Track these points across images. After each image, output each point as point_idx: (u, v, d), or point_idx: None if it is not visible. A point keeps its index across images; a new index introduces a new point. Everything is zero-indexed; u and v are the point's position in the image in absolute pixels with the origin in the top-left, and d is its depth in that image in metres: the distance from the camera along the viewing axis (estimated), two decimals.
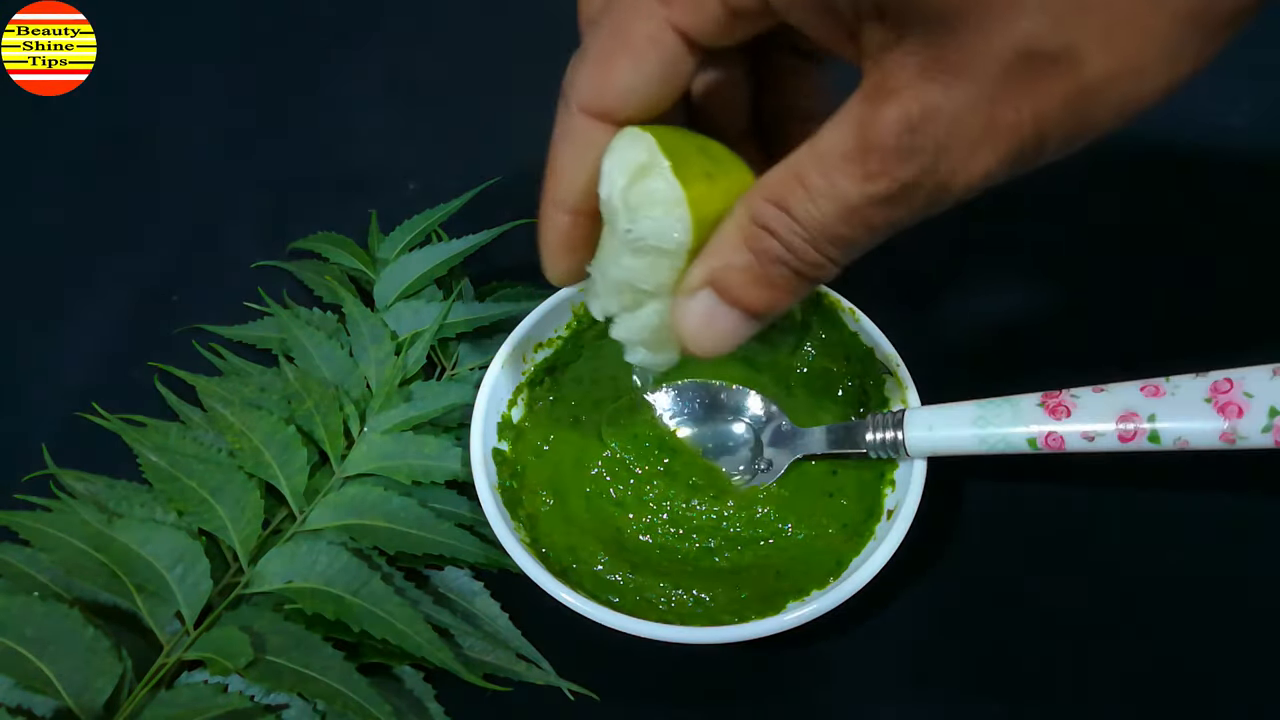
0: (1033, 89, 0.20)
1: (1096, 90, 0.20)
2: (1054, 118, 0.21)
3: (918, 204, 0.22)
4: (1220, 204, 0.49)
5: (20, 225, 0.52)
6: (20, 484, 0.39)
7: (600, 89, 0.26)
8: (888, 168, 0.22)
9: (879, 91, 0.22)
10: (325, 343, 0.43)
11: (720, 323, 0.27)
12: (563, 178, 0.28)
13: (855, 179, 0.22)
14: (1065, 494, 0.40)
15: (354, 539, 0.37)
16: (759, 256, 0.25)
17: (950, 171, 0.22)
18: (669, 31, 0.24)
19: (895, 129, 0.21)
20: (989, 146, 0.21)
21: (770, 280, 0.25)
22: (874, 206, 0.23)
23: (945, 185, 0.22)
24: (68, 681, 0.32)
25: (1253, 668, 0.35)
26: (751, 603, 0.35)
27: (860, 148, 0.22)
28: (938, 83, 0.21)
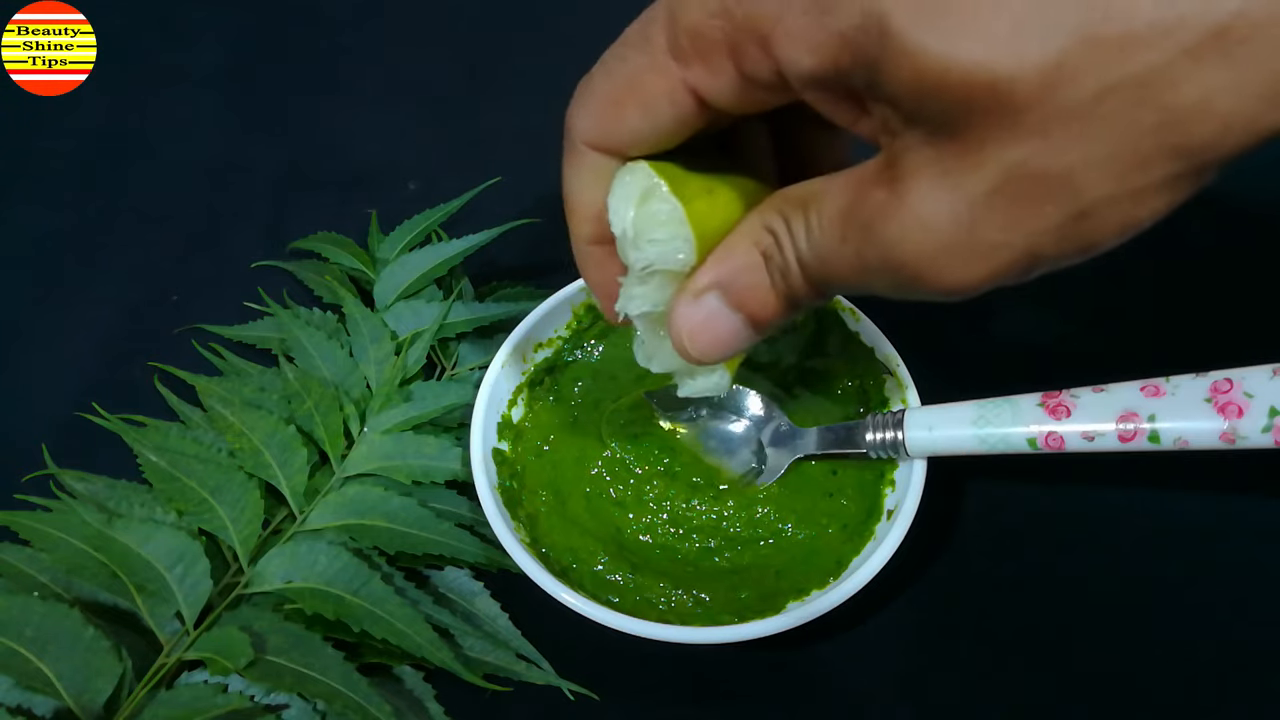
0: (1026, 211, 0.20)
1: (1092, 212, 0.20)
2: (1048, 240, 0.20)
3: (882, 287, 0.23)
4: (1220, 204, 0.49)
5: (20, 225, 0.52)
6: (20, 484, 0.39)
7: (608, 132, 0.26)
8: (858, 246, 0.22)
9: (882, 169, 0.22)
10: (325, 343, 0.43)
11: (720, 326, 0.26)
12: (584, 211, 0.28)
13: (834, 238, 0.23)
14: (1065, 494, 0.40)
15: (354, 539, 0.37)
16: (766, 261, 0.25)
17: (916, 275, 0.22)
18: (683, 91, 0.24)
19: (873, 212, 0.22)
20: (966, 261, 0.21)
21: (774, 288, 0.25)
22: (845, 268, 0.23)
23: (909, 281, 0.22)
24: (68, 681, 0.32)
25: (1253, 668, 0.35)
26: (751, 603, 0.35)
27: (846, 213, 0.22)
28: (927, 186, 0.21)
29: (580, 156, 0.27)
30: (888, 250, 0.22)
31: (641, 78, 0.24)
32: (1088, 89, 0.18)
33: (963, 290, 0.22)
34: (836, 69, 0.21)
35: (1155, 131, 0.18)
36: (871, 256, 0.22)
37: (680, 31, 0.23)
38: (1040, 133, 0.19)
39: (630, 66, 0.25)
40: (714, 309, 0.26)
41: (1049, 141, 0.19)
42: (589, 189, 0.27)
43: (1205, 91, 0.18)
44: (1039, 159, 0.19)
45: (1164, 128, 0.18)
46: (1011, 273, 0.21)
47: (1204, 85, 0.18)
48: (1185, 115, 0.18)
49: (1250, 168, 0.52)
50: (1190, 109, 0.18)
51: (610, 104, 0.25)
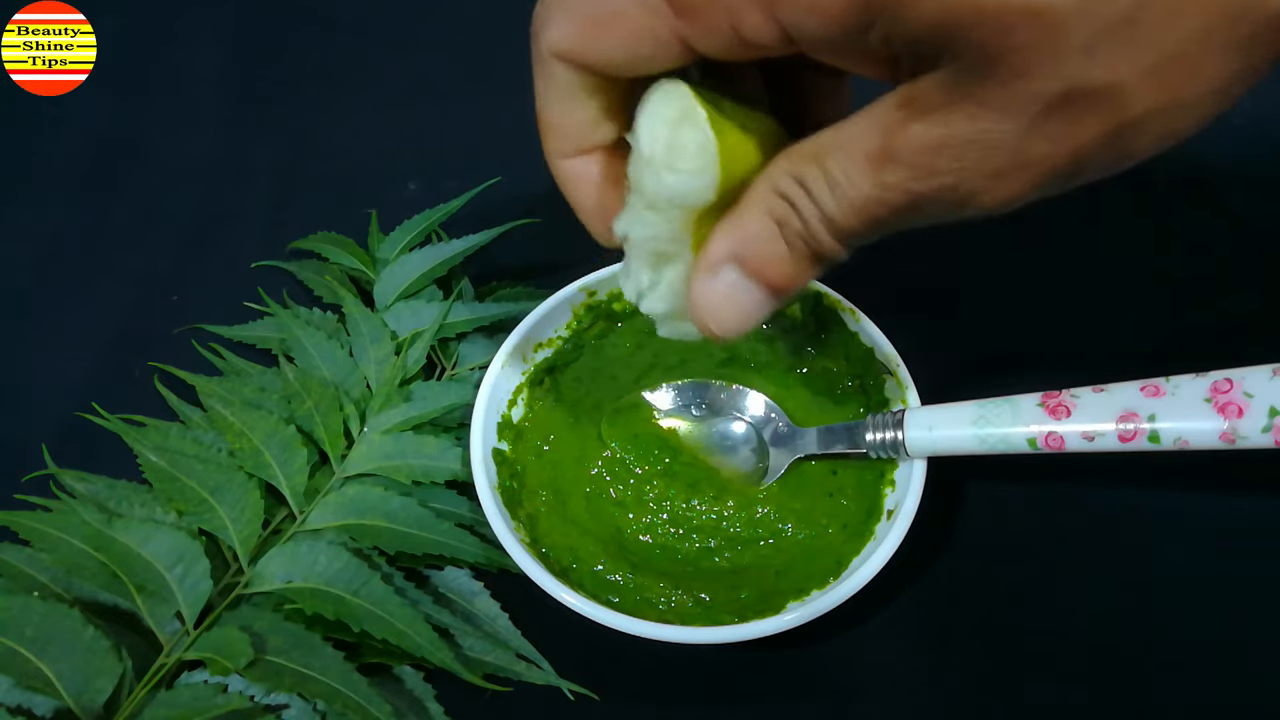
0: (1072, 125, 0.20)
1: (1139, 124, 0.20)
2: (1092, 150, 0.20)
3: (931, 214, 0.22)
4: (1220, 204, 0.49)
5: (20, 225, 0.52)
6: (20, 484, 0.39)
7: (580, 49, 0.25)
8: (905, 181, 0.22)
9: (910, 104, 0.21)
10: (325, 343, 0.43)
11: (742, 299, 0.26)
12: (558, 124, 0.27)
13: (871, 181, 0.22)
14: (1065, 494, 0.40)
15: (354, 539, 0.37)
16: (781, 228, 0.24)
17: (970, 193, 0.21)
18: (672, 37, 0.23)
19: (918, 147, 0.21)
20: (1017, 177, 0.21)
21: (792, 254, 0.25)
22: (886, 209, 0.22)
23: (963, 203, 0.22)
24: (68, 681, 0.32)
25: (1253, 667, 0.35)
26: (751, 603, 0.35)
27: (882, 153, 0.22)
28: (971, 114, 0.20)
29: (549, 68, 0.26)
30: (939, 177, 0.21)
31: (630, 10, 0.23)
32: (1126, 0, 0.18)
33: (1010, 204, 0.22)
34: (845, 28, 0.21)
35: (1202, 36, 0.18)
36: (922, 188, 0.22)
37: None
38: (1084, 50, 0.19)
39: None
40: (733, 282, 0.25)
41: (1093, 58, 0.19)
42: (562, 100, 0.26)
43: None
44: (1084, 76, 0.19)
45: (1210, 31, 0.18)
46: (1054, 183, 0.21)
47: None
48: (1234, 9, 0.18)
49: (1251, 168, 0.52)
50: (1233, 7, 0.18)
51: (590, 24, 0.24)
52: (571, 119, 0.27)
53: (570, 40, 0.25)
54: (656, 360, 0.43)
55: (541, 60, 0.26)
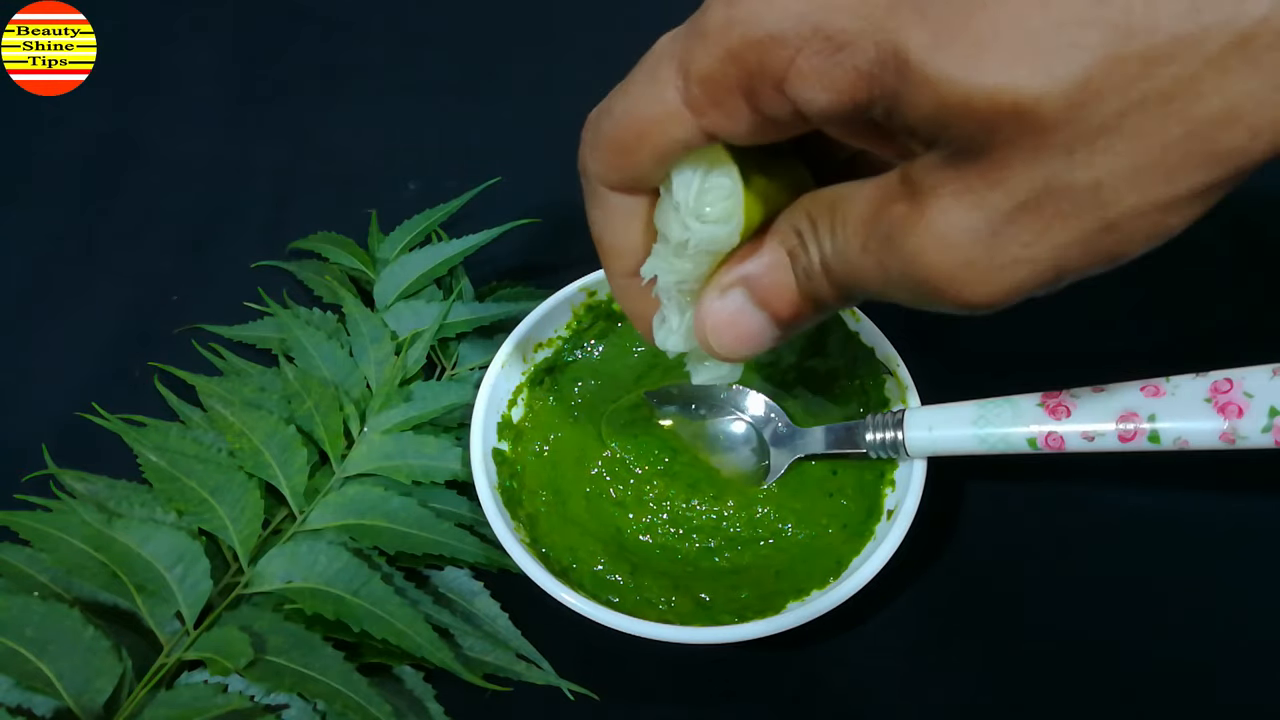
0: (1051, 224, 0.20)
1: (1120, 226, 0.20)
2: (1074, 253, 0.20)
3: (904, 297, 0.23)
4: (1220, 204, 0.49)
5: (20, 225, 0.52)
6: (20, 484, 0.39)
7: (624, 176, 0.26)
8: (879, 256, 0.22)
9: (904, 183, 0.22)
10: (325, 343, 0.43)
11: (746, 323, 0.26)
12: (618, 247, 0.28)
13: (858, 246, 0.23)
14: (1065, 494, 0.40)
15: (354, 539, 0.37)
16: (793, 261, 0.25)
17: (937, 289, 0.22)
18: (699, 136, 0.24)
19: (895, 226, 0.22)
20: (992, 275, 0.21)
21: (799, 288, 0.25)
22: (866, 276, 0.23)
23: (930, 295, 0.22)
24: (68, 681, 0.32)
25: (1252, 667, 0.35)
26: (751, 603, 0.35)
27: (869, 224, 0.22)
28: (949, 204, 0.21)
29: (602, 197, 0.27)
30: (908, 264, 0.22)
31: (654, 126, 0.24)
32: (1113, 106, 0.18)
33: (985, 305, 0.22)
34: (854, 104, 0.21)
35: (1183, 142, 0.18)
36: (892, 268, 0.22)
37: (693, 82, 0.23)
38: (1066, 150, 0.19)
39: (641, 113, 0.24)
40: (740, 305, 0.26)
41: (1074, 158, 0.19)
42: (617, 225, 0.27)
43: (1232, 100, 0.18)
44: (1065, 175, 0.19)
45: (1191, 138, 0.18)
46: (1037, 286, 0.21)
47: (1230, 94, 0.18)
48: (1213, 125, 0.18)
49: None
50: (1217, 118, 0.18)
51: (622, 151, 0.25)
52: (629, 240, 0.28)
53: (612, 170, 0.26)
54: (656, 360, 0.43)
55: (593, 191, 0.27)
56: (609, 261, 0.29)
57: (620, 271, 0.29)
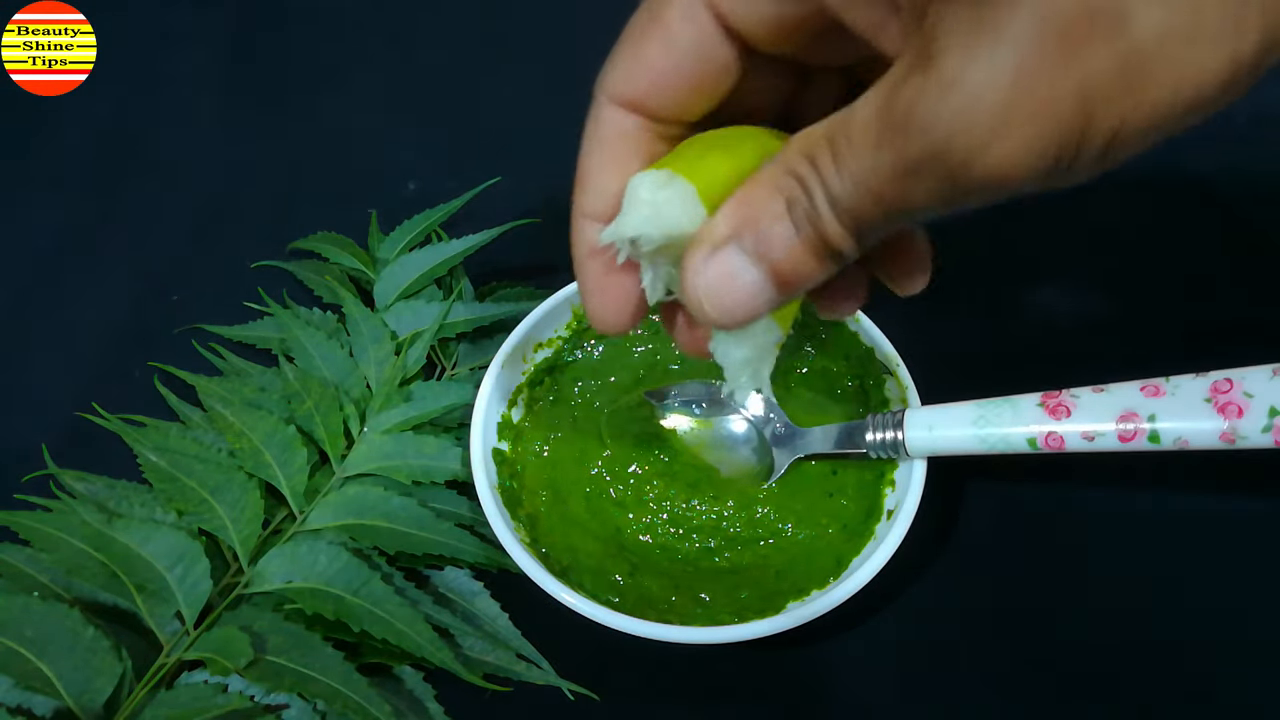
0: (1072, 57, 0.18)
1: (1148, 59, 0.18)
2: (1101, 91, 0.18)
3: (931, 192, 0.20)
4: (1220, 204, 0.49)
5: (20, 225, 0.52)
6: (20, 484, 0.39)
7: (631, 73, 0.24)
8: (900, 145, 0.20)
9: (914, 58, 0.20)
10: (325, 343, 0.43)
11: (742, 281, 0.23)
12: (595, 180, 0.26)
13: (869, 149, 0.20)
14: (1065, 494, 0.40)
15: (354, 539, 0.37)
16: (790, 208, 0.22)
17: (964, 158, 0.19)
18: (703, 9, 0.23)
19: (912, 99, 0.19)
20: (1015, 131, 0.19)
21: (800, 237, 0.23)
22: (885, 182, 0.21)
23: (959, 174, 0.19)
24: (68, 681, 0.32)
25: (1252, 667, 0.35)
26: (751, 603, 0.35)
27: (879, 117, 0.20)
28: (967, 51, 0.19)
29: (600, 115, 0.25)
30: (930, 134, 0.19)
31: (663, 10, 0.23)
32: None
33: (1011, 171, 0.19)
34: None
35: None
36: (913, 150, 0.20)
37: None
38: None
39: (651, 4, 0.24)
40: (734, 262, 0.23)
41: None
42: (605, 148, 0.25)
43: None
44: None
45: None
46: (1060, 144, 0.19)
47: None
48: None
49: (1251, 168, 0.52)
50: None
51: (631, 45, 0.24)
52: (608, 175, 0.25)
53: (620, 66, 0.24)
54: (656, 360, 0.43)
55: (596, 107, 0.25)
56: (583, 195, 0.26)
57: (590, 210, 0.26)
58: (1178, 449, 0.31)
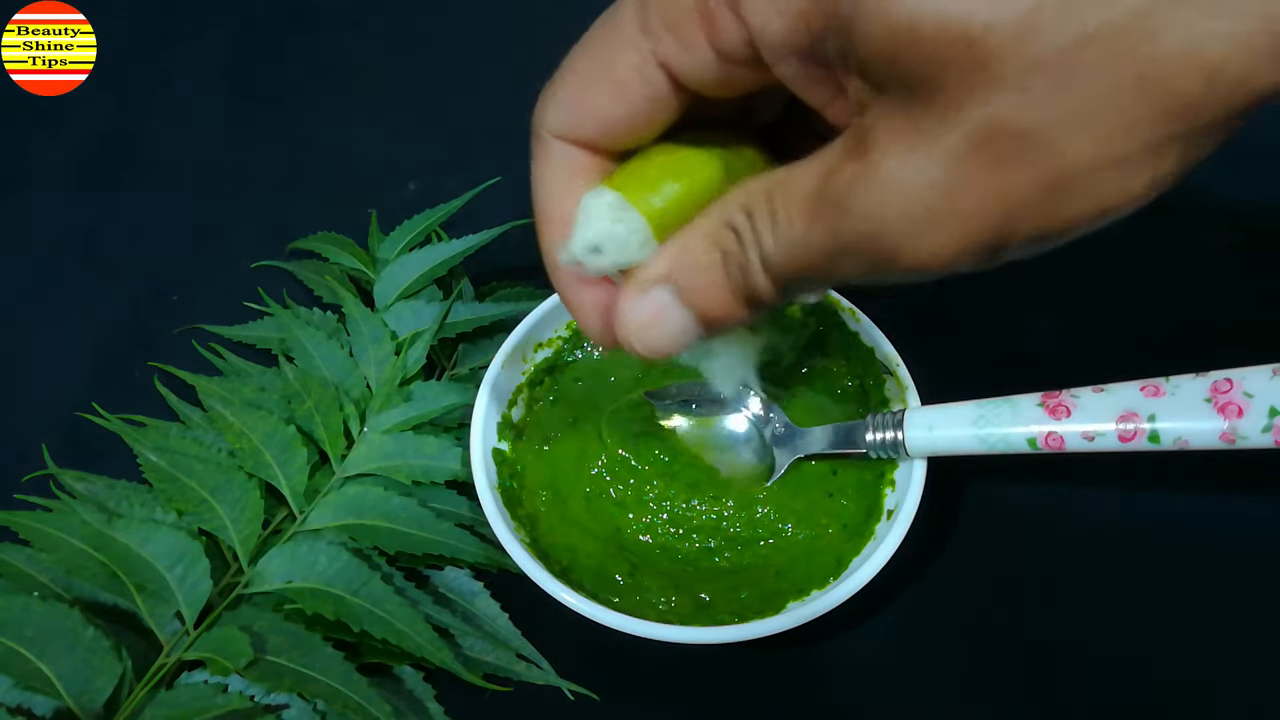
0: (1001, 169, 0.19)
1: (1072, 181, 0.19)
2: (1022, 208, 0.19)
3: (859, 268, 0.22)
4: (1221, 203, 0.49)
5: (20, 225, 0.52)
6: (20, 484, 0.39)
7: (577, 120, 0.25)
8: (832, 223, 0.21)
9: (854, 143, 0.21)
10: (325, 343, 0.43)
11: (671, 322, 0.25)
12: (555, 210, 0.26)
13: (803, 224, 0.22)
14: (1065, 494, 0.40)
15: (354, 539, 0.37)
16: (724, 259, 0.24)
17: (894, 248, 0.20)
18: (654, 67, 0.23)
19: (846, 186, 0.20)
20: (943, 228, 0.20)
21: (730, 286, 0.24)
22: (814, 254, 0.22)
23: (888, 260, 0.21)
24: (68, 681, 0.32)
25: (1252, 668, 0.35)
26: (751, 603, 0.35)
27: (816, 193, 0.21)
28: (902, 152, 0.20)
29: (548, 150, 0.26)
30: (862, 224, 0.20)
31: (611, 56, 0.24)
32: (1067, 36, 0.17)
33: (937, 263, 0.20)
34: (809, 31, 0.20)
35: (1136, 86, 0.17)
36: (845, 232, 0.21)
37: (650, 6, 0.22)
38: (1017, 86, 0.18)
39: (598, 47, 0.24)
40: (663, 303, 0.25)
41: (1026, 96, 0.18)
42: (557, 183, 0.26)
43: (1189, 41, 0.16)
44: (1016, 114, 0.18)
45: (1145, 82, 0.17)
46: (983, 245, 0.20)
47: (1188, 33, 0.16)
48: (1167, 67, 0.17)
49: (1250, 167, 0.52)
50: (1172, 60, 0.17)
51: (578, 89, 0.24)
52: (566, 204, 0.26)
53: (565, 115, 0.25)
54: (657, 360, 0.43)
55: (541, 143, 0.26)
56: (547, 230, 0.27)
57: (556, 241, 0.26)
58: (1178, 449, 0.31)
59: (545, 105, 0.25)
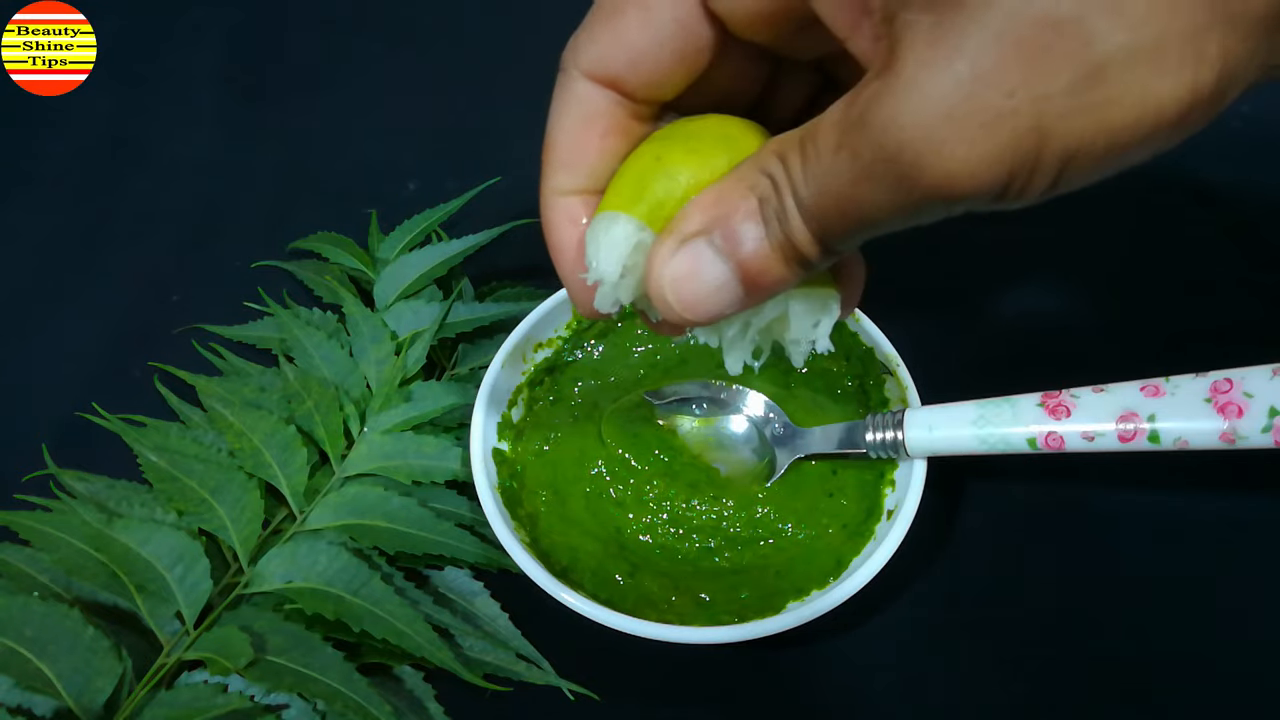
0: (1030, 67, 0.18)
1: (1108, 74, 0.18)
2: (1058, 107, 0.18)
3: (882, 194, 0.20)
4: (1220, 204, 0.49)
5: (20, 225, 0.52)
6: (20, 484, 0.39)
7: (608, 50, 0.24)
8: (854, 145, 0.20)
9: (880, 64, 0.20)
10: (325, 343, 0.43)
11: (709, 275, 0.23)
12: (568, 156, 0.25)
13: (830, 150, 0.20)
14: (1065, 494, 0.40)
15: (354, 539, 0.37)
16: (762, 206, 0.22)
17: (914, 160, 0.19)
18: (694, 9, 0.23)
19: (869, 103, 0.19)
20: (967, 135, 0.18)
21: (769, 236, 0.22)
22: (844, 185, 0.20)
23: (911, 179, 0.19)
24: (68, 681, 0.32)
25: (1253, 668, 0.35)
26: (751, 603, 0.35)
27: (841, 119, 0.20)
28: (927, 58, 0.18)
29: (573, 88, 0.25)
30: (884, 135, 0.19)
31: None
32: None
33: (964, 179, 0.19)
34: None
35: None
36: (867, 152, 0.19)
37: None
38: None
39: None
40: (702, 256, 0.23)
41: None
42: (576, 122, 0.25)
43: None
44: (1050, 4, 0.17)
45: None
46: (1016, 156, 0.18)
47: None
48: None
49: (1250, 168, 0.52)
50: None
51: (610, 20, 0.24)
52: (584, 152, 0.25)
53: (597, 41, 0.24)
54: (656, 360, 0.43)
55: (567, 80, 0.25)
56: (552, 172, 0.26)
57: (559, 186, 0.26)
58: (1178, 449, 0.31)
59: (576, 41, 0.25)
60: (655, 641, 0.33)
